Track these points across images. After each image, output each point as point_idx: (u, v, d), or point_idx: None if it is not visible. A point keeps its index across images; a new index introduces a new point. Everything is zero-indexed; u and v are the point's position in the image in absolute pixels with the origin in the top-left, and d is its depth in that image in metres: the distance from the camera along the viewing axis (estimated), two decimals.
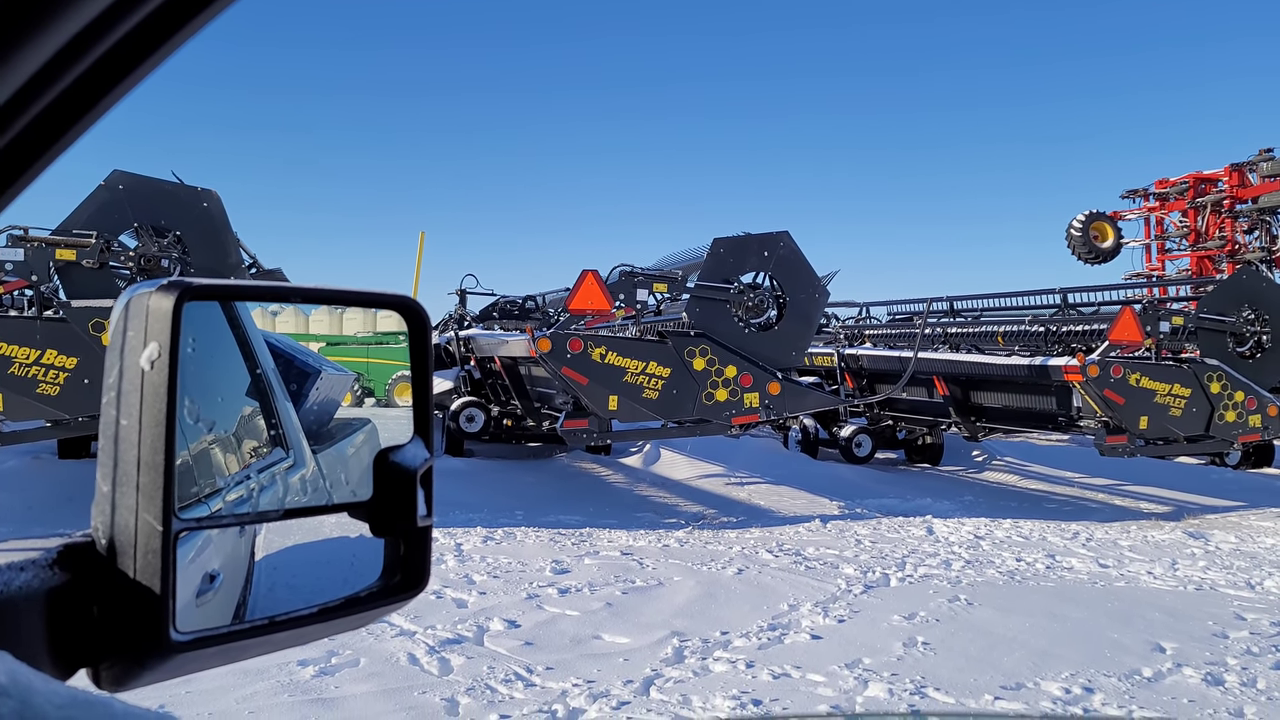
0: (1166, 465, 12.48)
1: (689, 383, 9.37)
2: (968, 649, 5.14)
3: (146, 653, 0.77)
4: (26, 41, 0.56)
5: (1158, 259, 25.78)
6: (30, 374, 7.92)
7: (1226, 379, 10.25)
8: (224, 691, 4.13)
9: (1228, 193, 23.71)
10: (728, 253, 9.84)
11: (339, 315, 25.54)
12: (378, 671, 4.58)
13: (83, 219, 8.59)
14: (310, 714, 4.04)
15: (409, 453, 0.94)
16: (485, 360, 12.18)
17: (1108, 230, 24.97)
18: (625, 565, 7.03)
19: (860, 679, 4.63)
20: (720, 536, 8.41)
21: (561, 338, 8.96)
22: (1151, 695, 4.49)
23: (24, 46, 0.56)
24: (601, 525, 8.74)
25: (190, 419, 0.97)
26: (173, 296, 0.79)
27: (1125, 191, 26.29)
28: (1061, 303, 12.05)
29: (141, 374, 0.78)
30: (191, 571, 0.98)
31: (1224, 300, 10.72)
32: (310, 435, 1.91)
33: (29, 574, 0.76)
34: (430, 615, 5.50)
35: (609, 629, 5.45)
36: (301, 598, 0.94)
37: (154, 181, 8.98)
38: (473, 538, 7.86)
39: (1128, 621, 5.71)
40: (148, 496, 0.77)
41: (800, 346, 10.24)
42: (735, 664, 4.83)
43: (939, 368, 11.84)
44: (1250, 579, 6.98)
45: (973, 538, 8.43)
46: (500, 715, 4.13)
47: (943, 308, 13.68)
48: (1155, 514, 10.44)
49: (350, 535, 1.07)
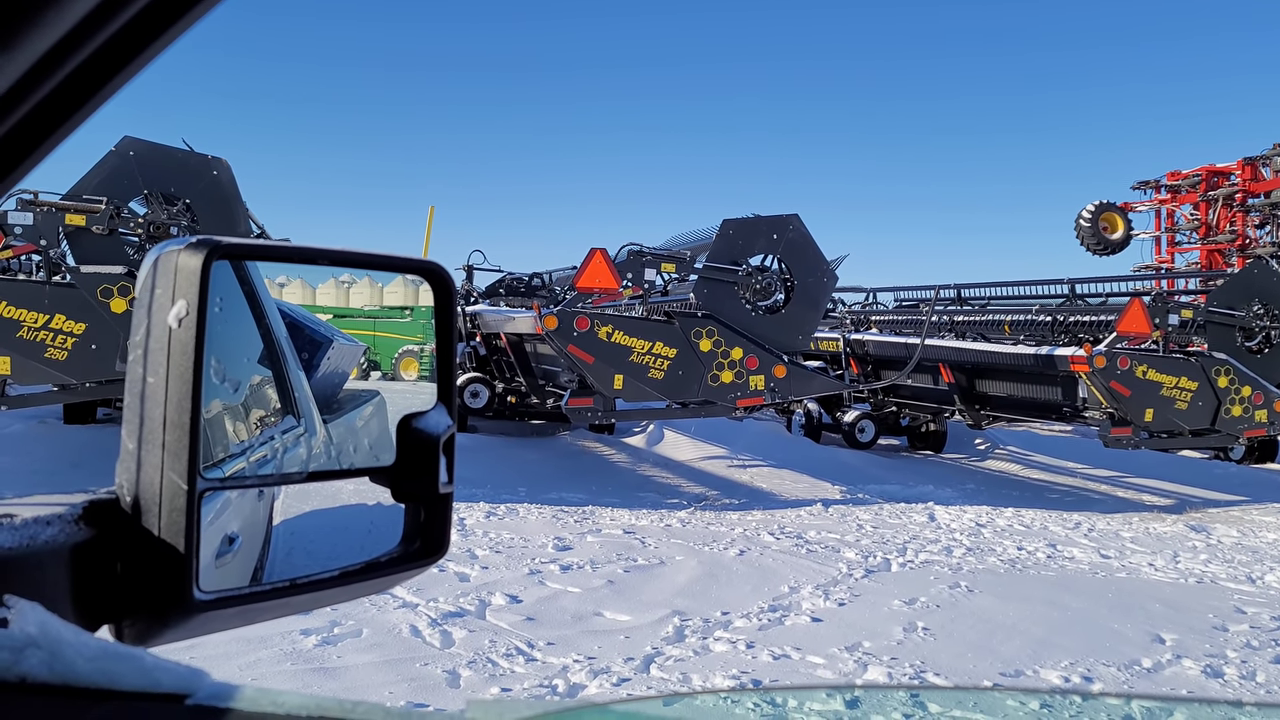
0: (1170, 458, 12.47)
1: (695, 364, 9.36)
2: (967, 635, 5.16)
3: (170, 610, 0.77)
4: (39, 19, 0.55)
5: (1167, 251, 25.65)
6: (38, 338, 7.93)
7: (1234, 373, 10.22)
8: (227, 659, 4.15)
9: (1240, 186, 23.54)
10: (737, 234, 9.81)
11: (345, 288, 25.54)
12: (380, 642, 4.60)
13: (92, 184, 8.58)
14: (313, 683, 4.07)
15: (432, 419, 0.94)
16: (491, 336, 12.17)
17: (1117, 221, 24.82)
18: (627, 544, 7.05)
19: (860, 662, 4.65)
20: (722, 518, 8.43)
21: (568, 315, 8.95)
22: (1150, 685, 4.51)
23: (37, 24, 0.55)
24: (604, 504, 8.76)
25: (215, 379, 0.97)
26: (202, 254, 0.79)
27: (1136, 183, 26.10)
28: (1069, 293, 12.00)
29: (169, 332, 0.78)
30: (211, 533, 0.98)
31: (1233, 294, 10.67)
32: (320, 404, 1.91)
33: (55, 529, 0.76)
34: (433, 588, 5.53)
35: (610, 606, 5.47)
36: (319, 562, 0.94)
37: (164, 149, 8.96)
38: (476, 513, 7.88)
39: (1128, 612, 5.71)
40: (173, 455, 0.77)
41: (807, 330, 10.22)
42: (735, 644, 4.85)
43: (945, 355, 11.82)
44: (1251, 573, 6.98)
45: (974, 525, 8.44)
46: (501, 688, 4.15)
47: (950, 295, 13.64)
48: (1158, 506, 10.44)
49: (368, 502, 1.08)
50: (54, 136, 0.64)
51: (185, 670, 0.65)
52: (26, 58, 0.56)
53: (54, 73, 0.59)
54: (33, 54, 0.56)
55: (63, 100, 0.61)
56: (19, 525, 0.74)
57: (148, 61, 0.62)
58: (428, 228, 17.03)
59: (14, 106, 0.60)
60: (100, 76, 0.61)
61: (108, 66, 0.61)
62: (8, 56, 0.55)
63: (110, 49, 0.60)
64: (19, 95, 0.59)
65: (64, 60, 0.58)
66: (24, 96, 0.59)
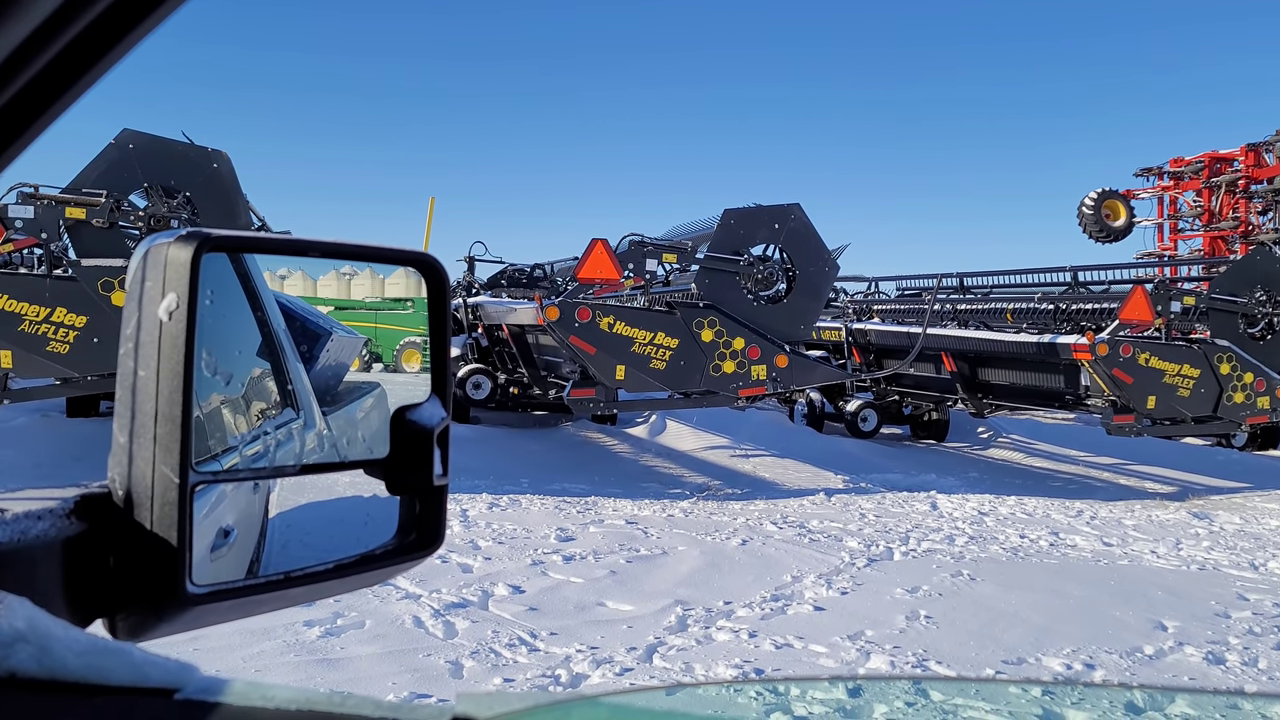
0: (1172, 445, 12.46)
1: (697, 354, 9.36)
2: (969, 623, 5.16)
3: (163, 604, 0.77)
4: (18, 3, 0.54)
5: (1170, 238, 25.58)
6: (40, 332, 7.94)
7: (1236, 360, 10.20)
8: (230, 650, 4.16)
9: (1243, 173, 23.47)
10: (738, 224, 9.79)
11: (347, 280, 25.53)
12: (383, 633, 4.61)
13: (92, 178, 8.57)
14: (316, 674, 4.08)
15: (426, 411, 0.93)
16: (493, 328, 12.17)
17: (1120, 209, 24.76)
18: (630, 534, 7.06)
19: (862, 650, 4.66)
20: (725, 508, 8.44)
21: (570, 306, 8.94)
22: (1153, 672, 4.51)
23: (16, 8, 0.54)
24: (606, 494, 8.76)
25: (207, 372, 0.96)
26: (191, 246, 0.78)
27: (1139, 170, 26.03)
28: (1072, 281, 11.98)
29: (160, 325, 0.77)
30: (206, 527, 0.97)
31: (1236, 281, 10.65)
32: (320, 397, 1.91)
33: (46, 523, 0.75)
34: (435, 579, 5.53)
35: (613, 596, 5.48)
36: (315, 555, 0.93)
37: (164, 141, 8.95)
38: (478, 504, 7.89)
39: (1130, 600, 5.72)
40: (165, 448, 0.77)
41: (809, 320, 10.21)
42: (738, 633, 4.85)
43: (947, 344, 11.80)
44: (1254, 560, 6.98)
45: (977, 514, 8.45)
46: (504, 679, 4.16)
47: (952, 284, 13.61)
48: (1160, 494, 10.44)
49: (364, 495, 1.07)
50: (38, 122, 0.63)
51: (174, 665, 0.65)
52: (7, 42, 0.56)
53: (36, 58, 0.58)
54: (13, 39, 0.56)
55: (46, 86, 0.61)
56: (10, 520, 0.74)
57: (133, 45, 0.61)
58: (428, 219, 17.00)
59: (14, 74, 0.59)
60: (84, 62, 0.61)
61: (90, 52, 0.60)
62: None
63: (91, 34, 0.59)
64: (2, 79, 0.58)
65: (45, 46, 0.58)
66: (7, 81, 0.59)
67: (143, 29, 0.62)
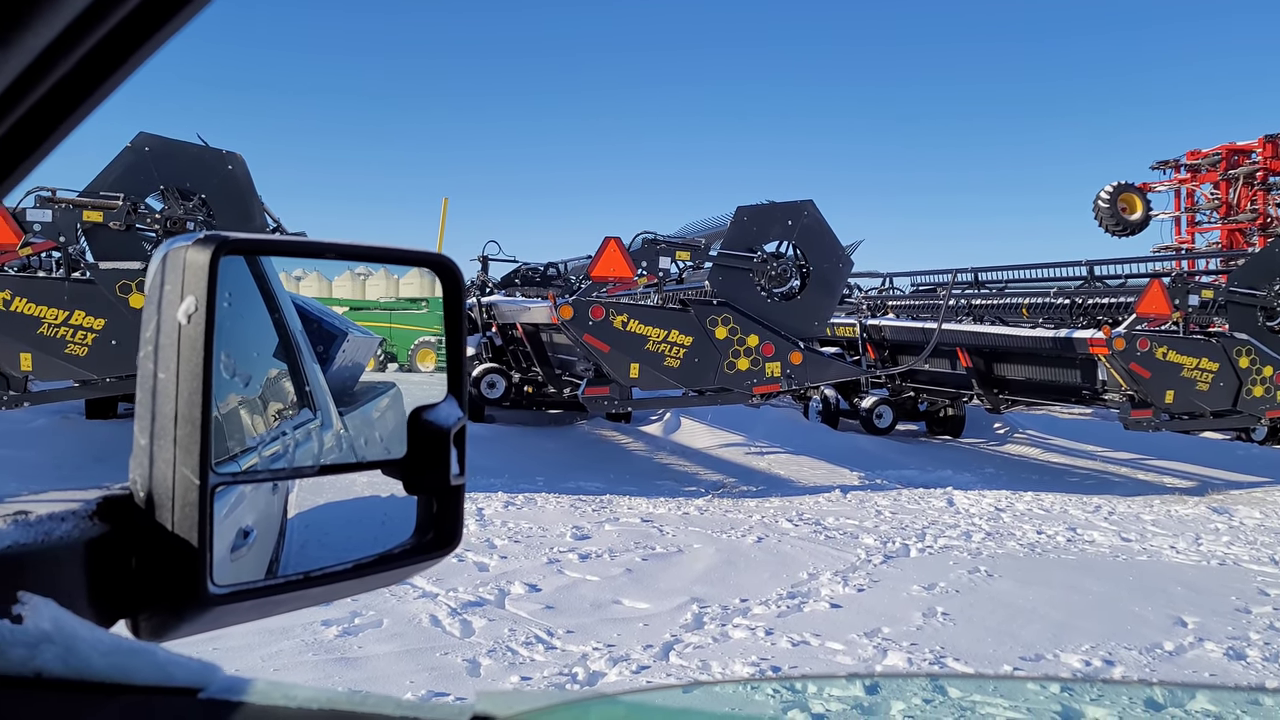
0: (1191, 440, 12.36)
1: (711, 351, 9.35)
2: (987, 620, 5.14)
3: (184, 604, 0.78)
4: (35, 15, 0.55)
5: (1187, 231, 25.39)
6: (59, 334, 8.00)
7: (1256, 354, 10.12)
8: (249, 649, 4.19)
9: (1261, 164, 23.27)
10: (751, 221, 9.77)
11: (362, 280, 25.62)
12: (400, 632, 4.63)
13: (109, 181, 8.63)
14: (334, 673, 4.10)
15: (443, 411, 0.94)
16: (507, 327, 12.19)
17: (1136, 202, 24.58)
18: (645, 532, 7.07)
19: (879, 648, 4.65)
20: (740, 505, 8.43)
21: (584, 305, 8.95)
22: (1172, 668, 4.48)
23: (33, 20, 0.55)
24: (622, 492, 8.77)
25: (226, 374, 0.97)
26: (209, 250, 0.79)
27: (1156, 163, 25.84)
28: (1088, 275, 11.90)
29: (178, 328, 0.78)
30: (226, 527, 0.98)
31: (1255, 274, 10.55)
32: (336, 397, 1.92)
33: (69, 524, 0.76)
34: (452, 578, 5.55)
35: (629, 594, 5.48)
36: (333, 555, 0.94)
37: (179, 144, 9.00)
38: (494, 502, 7.91)
39: (1149, 595, 5.68)
40: (185, 450, 0.77)
41: (823, 316, 10.19)
42: (754, 631, 4.85)
43: (963, 339, 11.75)
44: (1274, 555, 6.93)
45: (993, 510, 8.41)
46: (521, 677, 4.17)
47: (967, 279, 13.55)
48: (1179, 489, 10.37)
49: (381, 494, 1.08)
50: (54, 135, 0.64)
51: (198, 664, 0.65)
52: (24, 56, 0.56)
53: (53, 70, 0.59)
54: (30, 51, 0.56)
55: (62, 98, 0.61)
56: (34, 521, 0.75)
57: (146, 57, 0.61)
58: (442, 219, 17.03)
59: (13, 105, 0.59)
60: (99, 74, 0.61)
61: (106, 64, 0.61)
62: (5, 54, 0.55)
63: (107, 45, 0.59)
64: (18, 93, 0.59)
65: (62, 57, 0.58)
66: (23, 94, 0.59)
67: (169, 29, 0.62)
